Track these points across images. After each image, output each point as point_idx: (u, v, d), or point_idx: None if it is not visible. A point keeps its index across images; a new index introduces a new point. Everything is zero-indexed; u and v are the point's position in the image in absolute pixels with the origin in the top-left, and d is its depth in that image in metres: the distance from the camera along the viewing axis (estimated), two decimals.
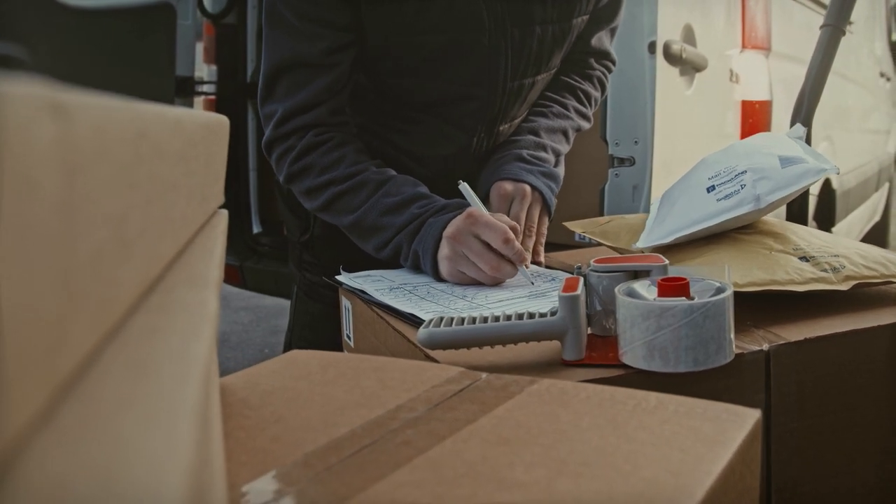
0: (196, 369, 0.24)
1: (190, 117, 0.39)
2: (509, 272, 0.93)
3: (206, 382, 0.26)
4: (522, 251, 0.92)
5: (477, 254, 0.92)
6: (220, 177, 0.55)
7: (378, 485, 0.41)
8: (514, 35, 1.04)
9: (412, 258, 0.99)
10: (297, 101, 1.03)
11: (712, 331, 0.63)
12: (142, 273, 0.29)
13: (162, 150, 0.31)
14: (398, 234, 0.99)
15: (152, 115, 0.30)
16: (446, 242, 0.94)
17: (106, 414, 0.19)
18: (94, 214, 0.21)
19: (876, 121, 4.35)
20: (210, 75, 2.81)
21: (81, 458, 0.17)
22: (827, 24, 1.31)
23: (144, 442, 0.18)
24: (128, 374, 0.22)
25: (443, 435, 0.45)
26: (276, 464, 0.45)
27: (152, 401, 0.21)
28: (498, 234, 0.91)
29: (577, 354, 0.67)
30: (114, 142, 0.23)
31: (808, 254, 0.80)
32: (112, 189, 0.23)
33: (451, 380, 0.54)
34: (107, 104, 0.23)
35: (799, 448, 0.70)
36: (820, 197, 2.95)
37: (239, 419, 0.49)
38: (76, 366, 0.21)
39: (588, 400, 0.49)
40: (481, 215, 0.93)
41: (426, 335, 0.68)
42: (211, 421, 0.36)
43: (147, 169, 0.28)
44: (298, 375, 0.56)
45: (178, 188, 0.36)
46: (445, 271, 0.95)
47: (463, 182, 0.98)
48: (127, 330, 0.26)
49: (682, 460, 0.41)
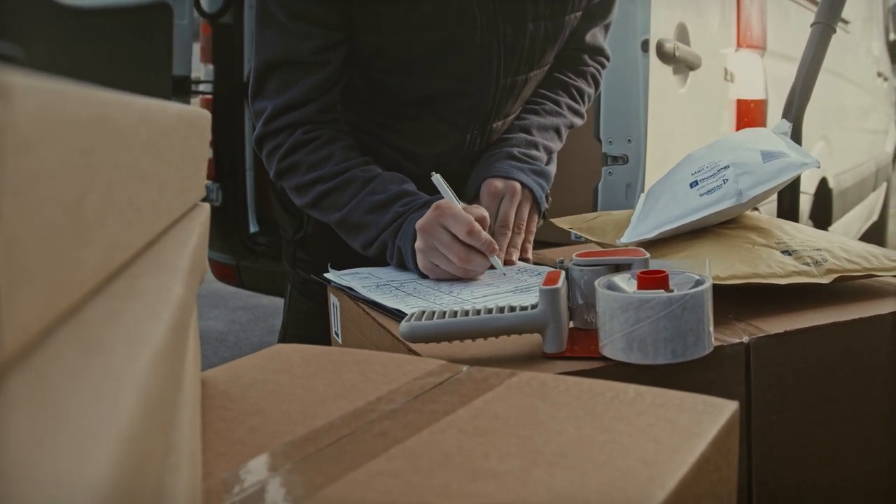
0: (149, 349, 0.25)
1: (161, 108, 0.40)
2: (480, 263, 0.93)
3: (161, 363, 0.26)
4: (491, 241, 0.92)
5: (446, 245, 0.92)
6: (201, 170, 0.56)
7: (353, 473, 0.42)
8: (507, 32, 1.05)
9: (396, 255, 0.99)
10: (287, 98, 1.03)
11: (690, 323, 0.63)
12: (103, 258, 0.29)
13: (126, 137, 0.32)
14: (383, 232, 1.00)
15: (115, 102, 0.31)
16: (419, 235, 0.94)
17: (50, 386, 0.20)
18: (42, 195, 0.22)
19: (873, 120, 4.35)
20: (207, 74, 2.81)
21: (16, 427, 0.17)
22: (818, 22, 1.31)
23: (82, 412, 0.18)
24: (77, 352, 0.23)
25: (420, 426, 0.45)
26: (254, 454, 0.45)
27: (98, 376, 0.21)
28: (462, 225, 0.91)
29: (558, 347, 0.68)
30: (64, 124, 0.23)
31: (791, 247, 0.80)
32: (64, 171, 0.24)
33: (432, 372, 0.55)
34: (58, 88, 0.23)
35: (780, 441, 0.70)
36: (816, 196, 2.95)
37: (219, 411, 0.49)
38: (24, 343, 0.21)
39: (567, 392, 0.49)
40: (449, 206, 0.93)
41: (408, 329, 0.68)
42: (180, 406, 0.37)
43: (107, 155, 0.29)
44: (281, 368, 0.56)
45: (146, 177, 0.36)
46: (420, 264, 0.95)
47: (435, 174, 0.98)
48: (84, 313, 0.27)
49: (656, 451, 0.41)
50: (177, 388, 0.33)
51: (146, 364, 0.23)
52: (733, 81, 2.08)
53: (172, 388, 0.30)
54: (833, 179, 3.16)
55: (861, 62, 3.95)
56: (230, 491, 0.40)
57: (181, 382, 0.35)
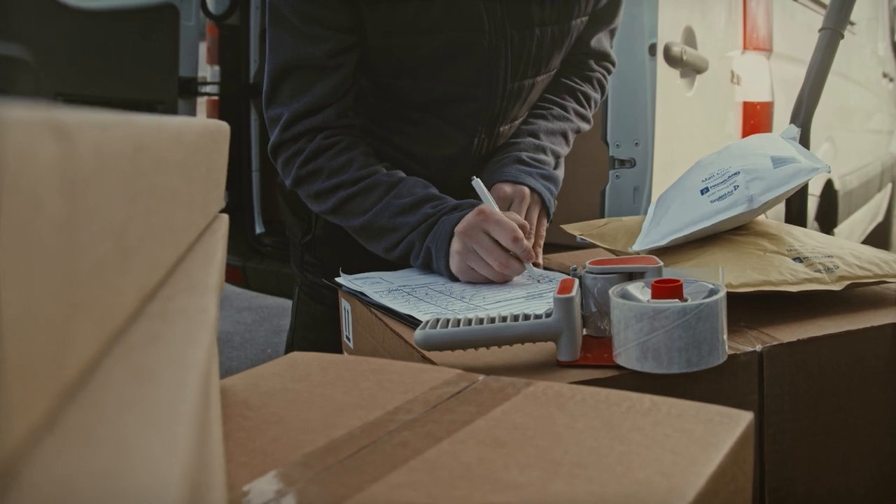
0: (195, 375, 0.25)
1: (190, 127, 0.40)
2: (517, 269, 0.95)
3: (204, 387, 0.27)
4: (530, 249, 0.94)
5: (487, 250, 0.93)
6: (221, 182, 0.57)
7: (375, 485, 0.42)
8: (514, 37, 1.05)
9: (424, 256, 1.00)
10: (304, 103, 1.04)
11: (705, 332, 0.64)
12: (142, 281, 0.30)
13: (161, 161, 0.32)
14: (411, 232, 1.01)
15: (152, 128, 0.31)
16: (457, 238, 0.95)
17: (107, 418, 0.21)
18: (95, 228, 0.22)
19: (879, 121, 4.35)
20: (213, 76, 2.83)
21: (83, 462, 0.18)
22: (826, 28, 1.32)
23: (144, 445, 0.19)
24: (129, 380, 0.23)
25: (439, 436, 0.46)
26: (275, 465, 0.46)
27: (152, 406, 0.22)
28: (507, 232, 0.92)
29: (572, 355, 0.68)
30: (113, 158, 0.24)
31: (802, 254, 0.81)
32: (112, 203, 0.24)
33: (449, 382, 0.55)
34: (106, 121, 0.24)
35: (792, 449, 0.71)
36: (821, 198, 2.95)
37: (239, 420, 0.50)
38: (79, 372, 0.22)
39: (583, 402, 0.50)
40: (492, 212, 0.95)
41: (422, 336, 0.69)
42: (210, 423, 0.37)
43: (147, 181, 0.29)
44: (298, 377, 0.57)
45: (178, 197, 0.37)
46: (455, 267, 0.96)
47: (476, 178, 1.00)
48: (128, 337, 0.27)
49: (674, 462, 0.42)
50: (216, 406, 0.34)
51: (194, 391, 0.24)
52: (739, 84, 2.08)
53: (214, 407, 0.31)
54: (838, 181, 3.16)
55: (866, 63, 3.95)
56: (255, 502, 0.40)
57: (217, 399, 0.35)
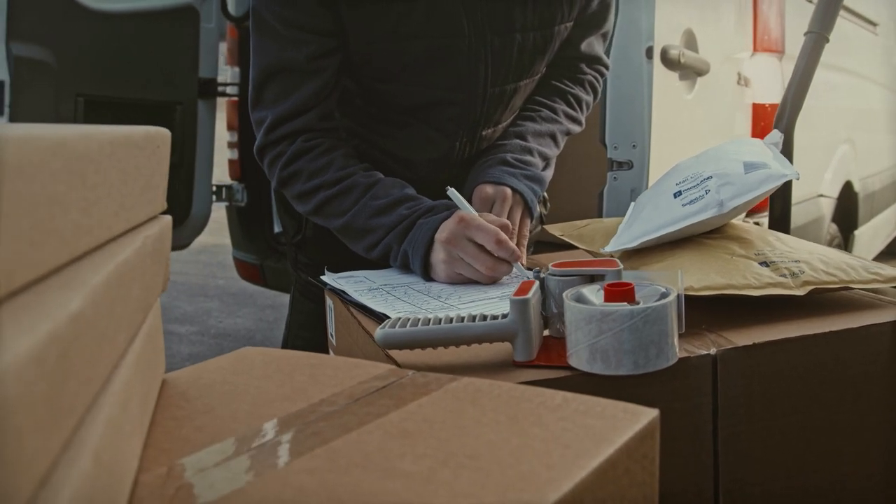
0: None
1: (85, 137, 0.41)
2: (505, 270, 0.96)
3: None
4: (516, 249, 0.95)
5: (472, 256, 0.95)
6: (153, 186, 0.57)
7: (274, 472, 0.44)
8: (494, 42, 1.06)
9: (401, 258, 1.02)
10: (286, 107, 1.06)
11: (653, 335, 0.64)
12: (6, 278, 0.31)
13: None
14: (387, 234, 1.02)
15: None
16: (441, 247, 0.97)
17: None
18: None
19: None
20: (233, 77, 2.87)
21: None
22: (811, 31, 1.31)
23: None
24: None
25: (351, 427, 0.48)
26: (193, 451, 0.48)
27: None
28: (490, 237, 0.94)
29: (528, 356, 0.70)
30: None
31: (769, 259, 0.81)
32: None
33: (378, 377, 0.57)
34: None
35: (747, 450, 0.71)
36: (840, 200, 2.92)
37: (173, 410, 0.52)
38: None
39: (498, 398, 0.51)
40: (472, 218, 0.96)
41: (382, 335, 0.71)
42: (99, 406, 0.38)
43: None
44: (240, 371, 0.59)
45: (61, 203, 0.38)
46: (443, 274, 0.97)
47: (451, 188, 1.01)
48: None
49: (562, 455, 0.43)
50: (113, 395, 0.36)
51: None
52: (748, 86, 2.07)
53: (63, 392, 0.32)
54: (859, 183, 3.12)
55: (890, 64, 3.89)
56: (164, 484, 0.42)
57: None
